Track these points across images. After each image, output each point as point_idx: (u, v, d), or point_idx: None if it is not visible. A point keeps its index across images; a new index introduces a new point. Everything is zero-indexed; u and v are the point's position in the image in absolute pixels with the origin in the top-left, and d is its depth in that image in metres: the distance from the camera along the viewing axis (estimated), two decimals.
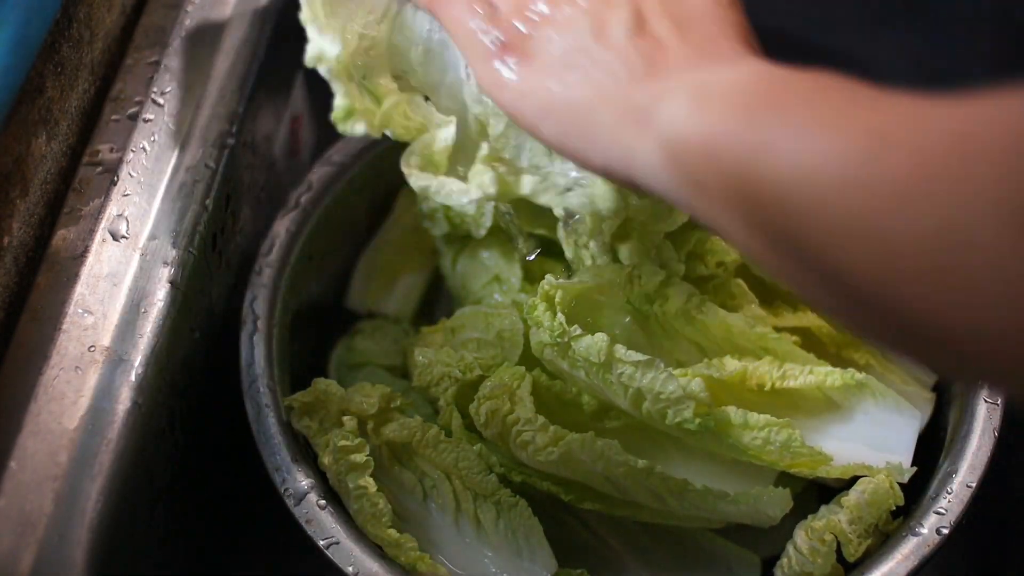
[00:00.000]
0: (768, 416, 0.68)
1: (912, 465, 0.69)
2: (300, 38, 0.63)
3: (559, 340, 0.68)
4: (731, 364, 0.71)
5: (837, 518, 0.67)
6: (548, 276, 0.70)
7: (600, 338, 0.67)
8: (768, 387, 0.70)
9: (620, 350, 0.67)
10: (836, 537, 0.67)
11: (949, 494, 0.68)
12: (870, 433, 0.70)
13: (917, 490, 0.70)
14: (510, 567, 0.69)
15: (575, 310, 0.70)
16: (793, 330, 0.74)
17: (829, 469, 0.68)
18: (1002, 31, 0.90)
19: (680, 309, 0.71)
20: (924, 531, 0.67)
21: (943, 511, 0.67)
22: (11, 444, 0.60)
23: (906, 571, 0.66)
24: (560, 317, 0.68)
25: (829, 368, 0.71)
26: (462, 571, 0.69)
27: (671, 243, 0.74)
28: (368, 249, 0.88)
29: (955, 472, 0.69)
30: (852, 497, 0.68)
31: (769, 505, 0.67)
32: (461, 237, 0.83)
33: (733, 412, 0.68)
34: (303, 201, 0.80)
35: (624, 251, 0.74)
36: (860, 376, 0.71)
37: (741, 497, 0.67)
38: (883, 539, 0.68)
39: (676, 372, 0.68)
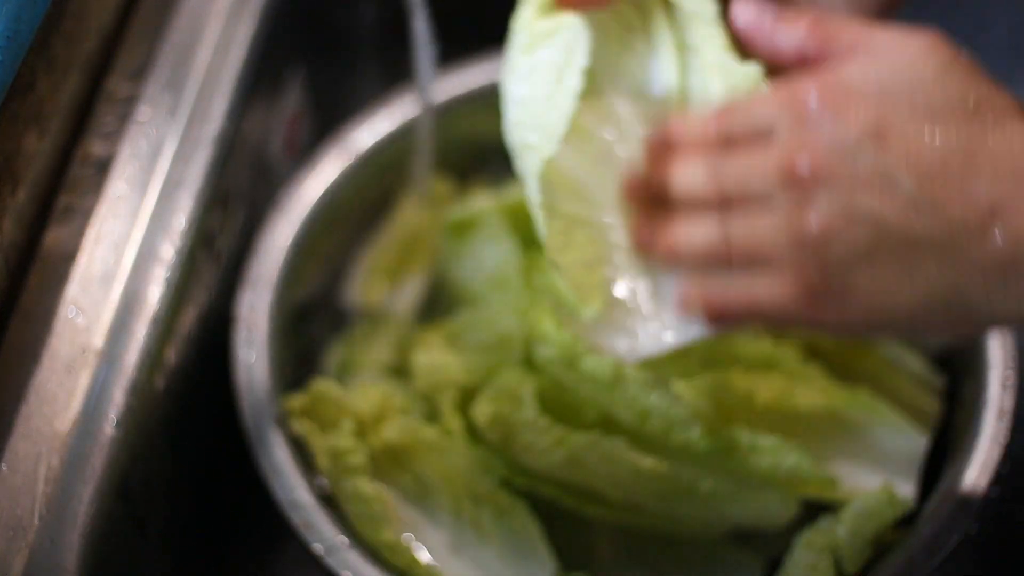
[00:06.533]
0: (776, 439, 0.67)
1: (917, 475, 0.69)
2: (297, 36, 0.63)
3: (566, 356, 0.67)
4: (738, 382, 0.70)
5: (836, 531, 0.66)
6: None
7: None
8: (775, 407, 0.70)
9: (629, 369, 0.66)
10: (835, 551, 0.67)
11: (953, 505, 0.67)
12: (876, 455, 0.70)
13: (921, 500, 0.69)
14: (509, 570, 0.68)
15: None
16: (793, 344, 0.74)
17: (834, 492, 0.68)
18: None
19: None
20: (926, 543, 0.66)
21: (946, 523, 0.66)
22: (2, 447, 0.60)
23: None
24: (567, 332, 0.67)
25: (836, 389, 0.71)
26: (460, 575, 0.69)
27: None
28: (368, 249, 0.87)
29: (960, 483, 0.67)
30: (851, 510, 0.67)
31: (776, 507, 0.67)
32: (462, 237, 0.82)
33: (741, 435, 0.67)
34: (300, 200, 0.80)
35: None
36: (866, 398, 0.70)
37: (748, 499, 0.67)
38: (885, 551, 0.67)
39: (681, 385, 0.68)
